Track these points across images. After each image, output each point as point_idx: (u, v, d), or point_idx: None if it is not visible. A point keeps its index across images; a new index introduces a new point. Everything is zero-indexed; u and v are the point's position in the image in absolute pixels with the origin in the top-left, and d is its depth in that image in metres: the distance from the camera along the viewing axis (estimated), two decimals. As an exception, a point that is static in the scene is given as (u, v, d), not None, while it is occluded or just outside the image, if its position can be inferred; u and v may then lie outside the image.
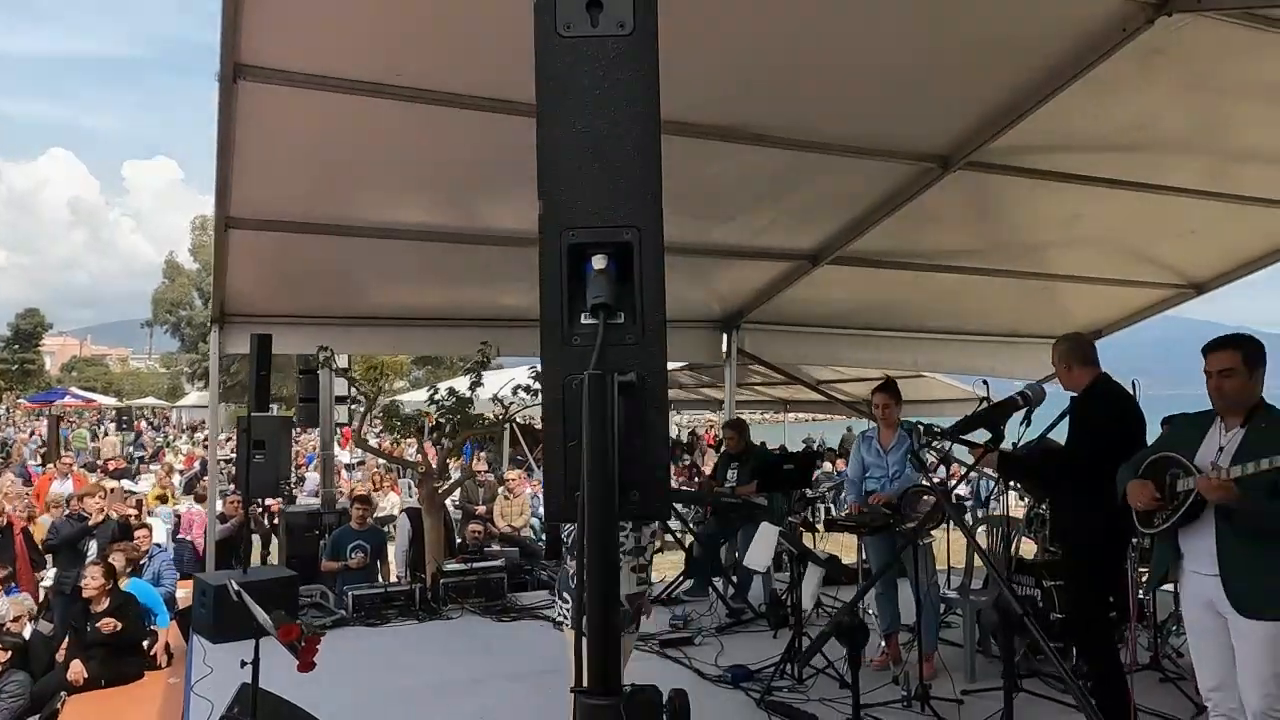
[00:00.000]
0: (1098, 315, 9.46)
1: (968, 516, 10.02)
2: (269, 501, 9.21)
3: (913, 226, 7.17)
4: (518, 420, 20.55)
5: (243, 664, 3.52)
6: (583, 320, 1.49)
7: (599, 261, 1.49)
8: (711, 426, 26.09)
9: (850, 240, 7.30)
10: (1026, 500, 6.33)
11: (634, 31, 1.54)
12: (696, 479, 14.54)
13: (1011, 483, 4.51)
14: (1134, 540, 4.38)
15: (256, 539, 9.37)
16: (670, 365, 14.33)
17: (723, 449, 8.16)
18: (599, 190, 1.53)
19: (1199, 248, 8.17)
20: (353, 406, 8.14)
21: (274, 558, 9.14)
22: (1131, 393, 4.31)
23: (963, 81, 5.42)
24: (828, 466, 16.79)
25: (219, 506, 8.32)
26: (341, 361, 8.36)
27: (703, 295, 8.54)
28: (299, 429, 14.27)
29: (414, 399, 12.48)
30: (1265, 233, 7.83)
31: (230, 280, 6.97)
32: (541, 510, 11.59)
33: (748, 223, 7.09)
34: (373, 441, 13.40)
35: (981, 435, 3.06)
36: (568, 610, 3.36)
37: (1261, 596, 3.11)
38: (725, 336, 9.05)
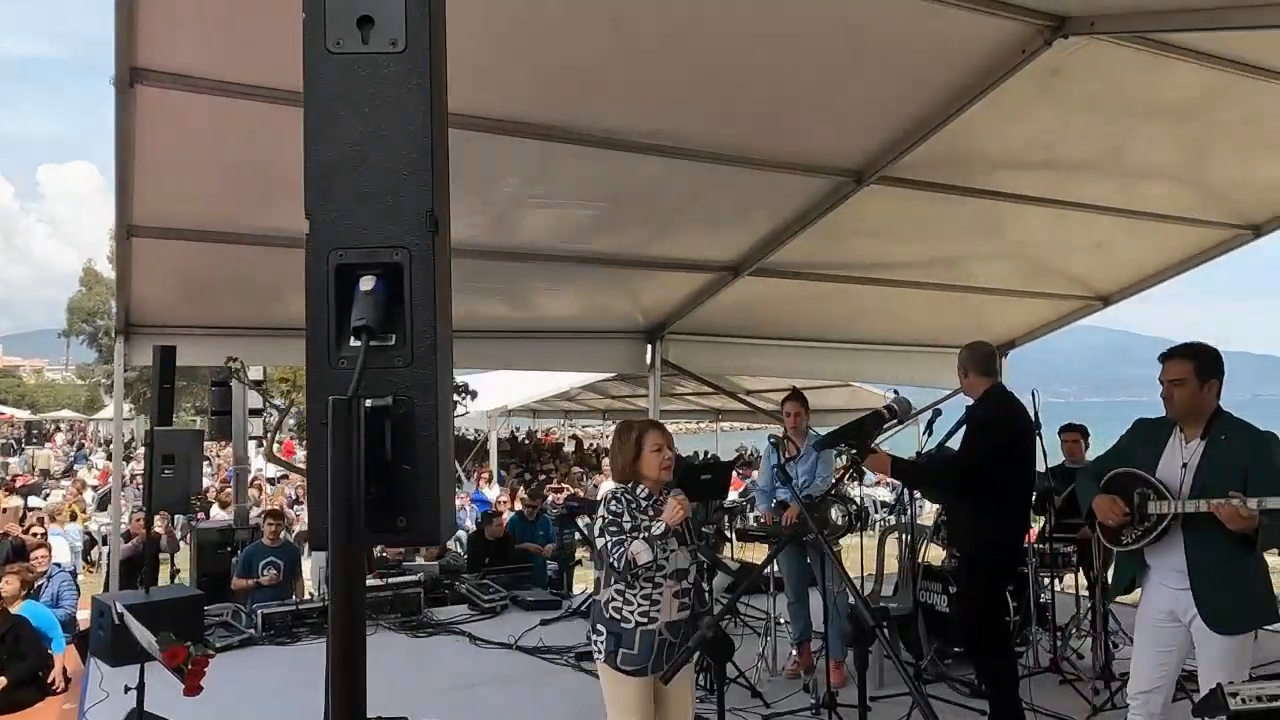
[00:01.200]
0: (1012, 325, 9.74)
1: (880, 524, 10.19)
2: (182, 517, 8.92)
3: (831, 239, 7.28)
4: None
5: (126, 689, 3.38)
6: (352, 343, 1.45)
7: (366, 283, 1.47)
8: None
9: (770, 252, 7.37)
10: (937, 508, 6.48)
11: (406, 49, 1.52)
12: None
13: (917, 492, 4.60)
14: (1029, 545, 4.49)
15: (183, 555, 9.08)
16: (597, 376, 14.38)
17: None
18: (369, 210, 1.51)
19: (1105, 261, 8.47)
20: (267, 419, 7.94)
21: (184, 577, 8.86)
22: (1027, 403, 4.44)
23: (872, 99, 5.53)
24: (755, 475, 16.90)
25: (124, 524, 8.02)
26: (255, 374, 8.14)
27: (627, 306, 8.55)
28: (219, 443, 13.86)
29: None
30: (1164, 247, 8.15)
31: (135, 290, 6.75)
32: (468, 523, 11.47)
33: (670, 234, 7.12)
34: (300, 454, 13.11)
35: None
36: (603, 644, 3.19)
37: (1231, 611, 3.18)
38: (650, 347, 9.05)
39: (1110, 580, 3.84)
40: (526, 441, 26.13)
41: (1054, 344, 8.67)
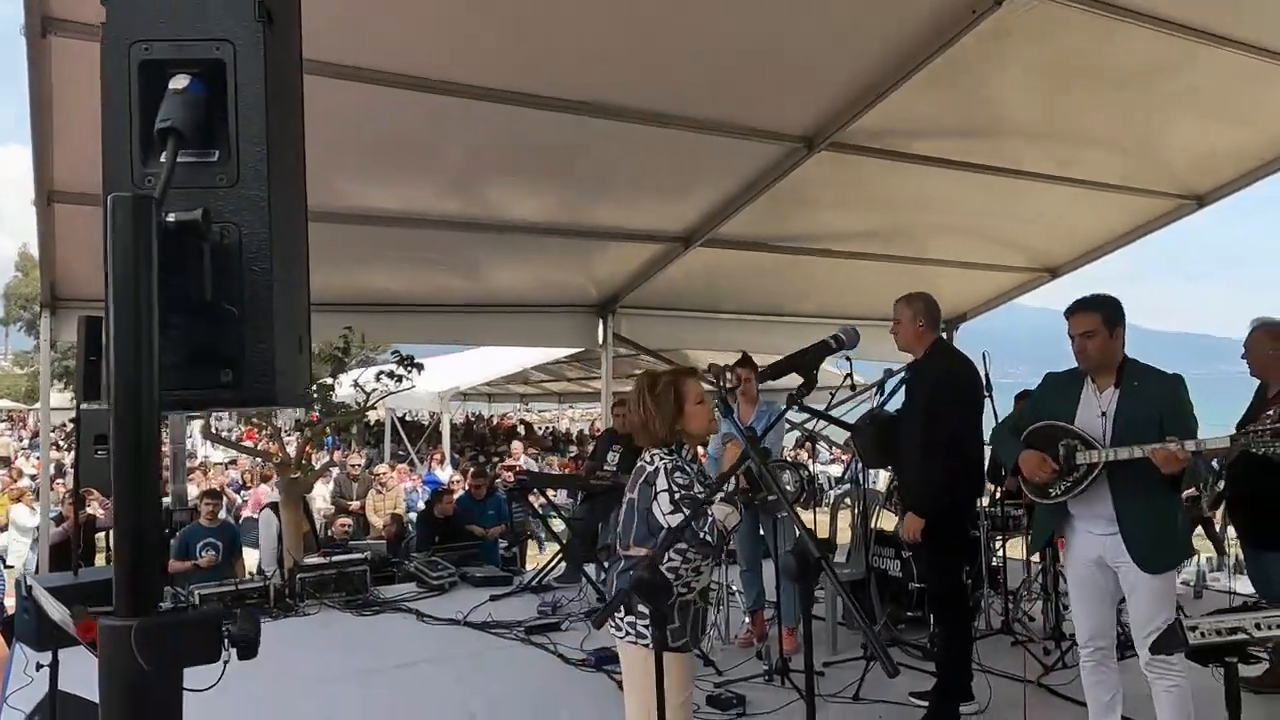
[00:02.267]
0: (963, 298, 9.80)
1: (833, 492, 10.21)
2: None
3: (783, 209, 7.21)
4: (398, 415, 20.03)
5: (39, 667, 3.19)
6: (163, 159, 1.18)
7: (178, 81, 1.20)
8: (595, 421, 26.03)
9: (721, 222, 7.28)
10: (889, 475, 6.48)
11: None
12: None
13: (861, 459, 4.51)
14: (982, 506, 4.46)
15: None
16: (552, 355, 14.19)
17: (608, 429, 8.01)
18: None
19: (1053, 233, 8.53)
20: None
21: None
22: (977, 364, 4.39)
23: (821, 63, 5.46)
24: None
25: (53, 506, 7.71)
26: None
27: (578, 279, 8.40)
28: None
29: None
30: (1111, 218, 8.23)
31: (60, 260, 6.45)
32: (420, 504, 11.28)
33: (619, 203, 6.99)
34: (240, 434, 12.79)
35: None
36: (644, 626, 2.73)
37: (1159, 552, 3.27)
38: (601, 321, 8.93)
39: (1033, 533, 3.83)
40: (482, 425, 25.88)
41: (1003, 324, 8.70)
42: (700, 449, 5.15)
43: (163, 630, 1.17)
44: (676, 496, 2.73)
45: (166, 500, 8.89)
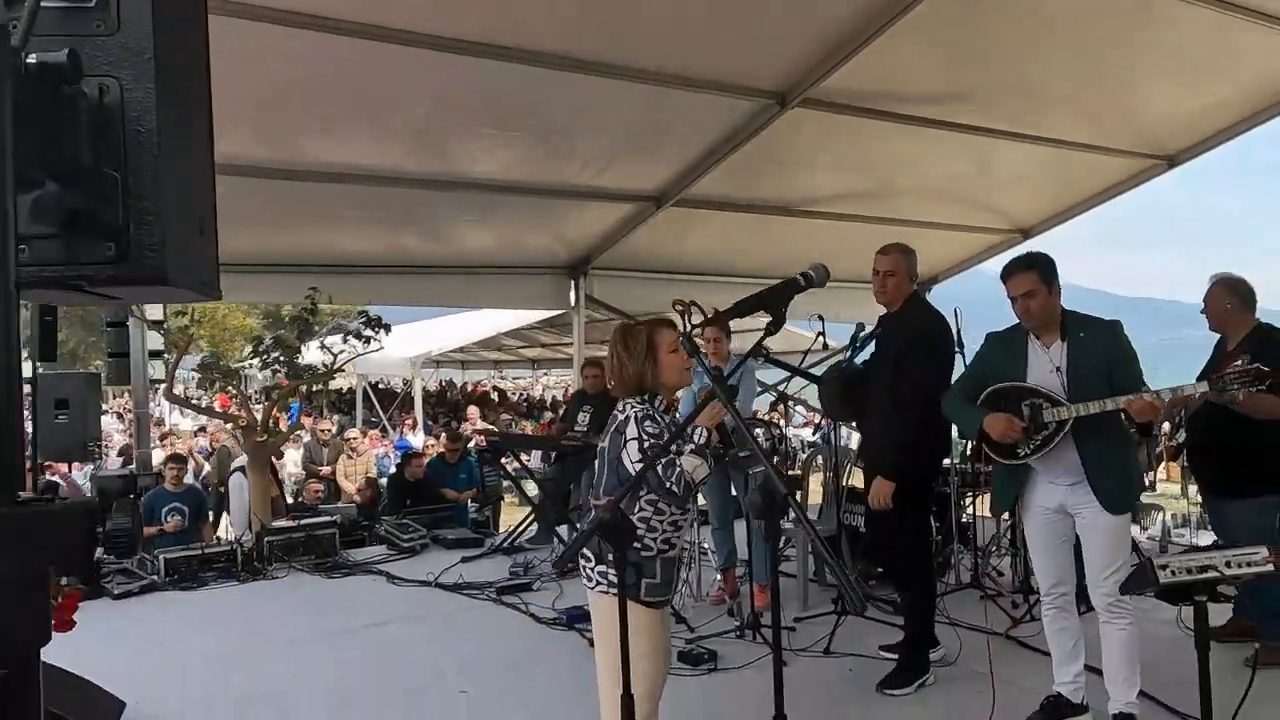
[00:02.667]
0: (936, 260, 9.79)
1: (803, 454, 10.22)
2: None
3: (756, 168, 7.14)
4: (370, 382, 19.84)
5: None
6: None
7: None
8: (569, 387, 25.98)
9: (693, 181, 7.19)
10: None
11: None
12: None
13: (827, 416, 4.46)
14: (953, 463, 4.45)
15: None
16: (524, 320, 14.03)
17: (579, 390, 7.93)
18: None
19: (1026, 193, 8.52)
20: (167, 358, 7.51)
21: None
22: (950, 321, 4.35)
23: (794, 16, 5.36)
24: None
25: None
26: (155, 313, 7.68)
27: (548, 240, 8.30)
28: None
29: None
30: (1082, 178, 8.23)
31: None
32: (392, 469, 11.19)
33: (589, 161, 6.87)
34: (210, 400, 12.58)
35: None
36: (613, 575, 2.58)
37: (1121, 494, 3.35)
38: (573, 283, 8.84)
39: (996, 495, 3.82)
40: (455, 392, 25.74)
41: (971, 289, 8.69)
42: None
43: (24, 523, 1.03)
44: (645, 445, 2.70)
45: (131, 466, 8.77)
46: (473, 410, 15.43)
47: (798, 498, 1.52)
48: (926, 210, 8.48)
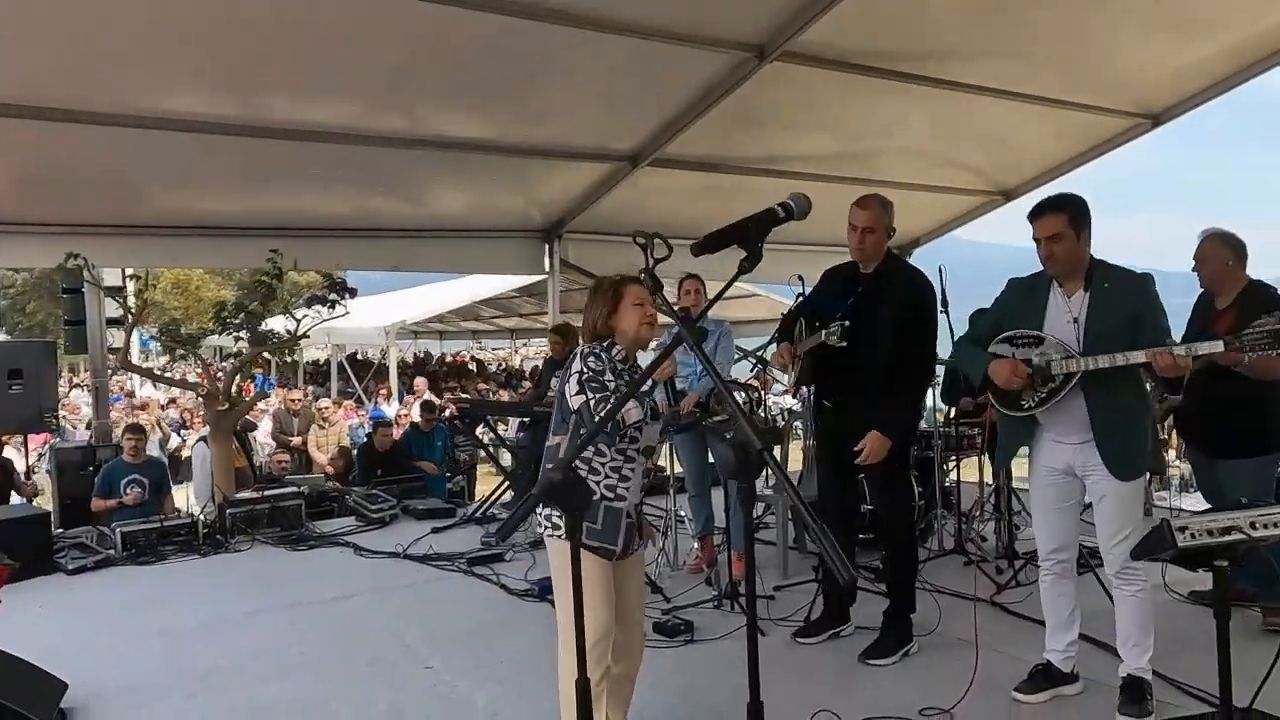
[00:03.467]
0: (917, 222, 9.64)
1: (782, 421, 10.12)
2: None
3: (734, 127, 6.93)
4: (348, 354, 19.52)
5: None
6: None
7: None
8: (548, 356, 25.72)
9: (669, 140, 6.97)
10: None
11: None
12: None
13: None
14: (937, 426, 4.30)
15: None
16: (501, 288, 13.79)
17: (549, 357, 7.76)
18: None
19: (1008, 154, 8.35)
20: (123, 328, 7.23)
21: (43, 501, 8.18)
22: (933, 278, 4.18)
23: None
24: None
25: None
26: (113, 279, 7.40)
27: (521, 203, 8.06)
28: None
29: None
30: (1064, 138, 8.06)
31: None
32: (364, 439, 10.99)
33: (562, 118, 6.62)
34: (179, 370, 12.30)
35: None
36: (560, 519, 2.74)
37: (1132, 458, 3.16)
38: (547, 247, 8.62)
39: (998, 448, 3.67)
40: (432, 363, 25.46)
41: (950, 257, 8.55)
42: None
43: None
44: (584, 378, 2.73)
45: (88, 434, 8.51)
46: (420, 382, 15.10)
47: (775, 454, 1.36)
48: (907, 171, 8.29)
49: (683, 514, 5.61)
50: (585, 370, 2.75)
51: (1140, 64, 6.84)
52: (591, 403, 2.69)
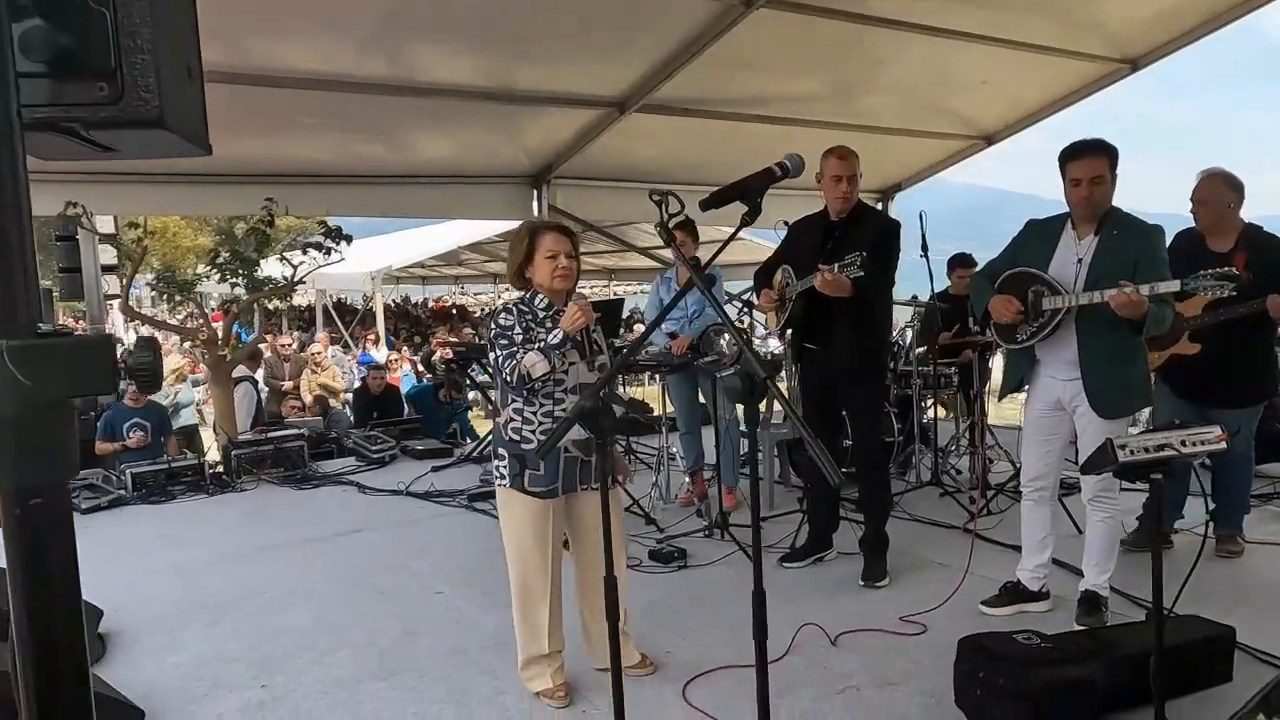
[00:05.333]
0: (899, 166, 9.77)
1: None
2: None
3: (722, 72, 7.00)
4: (332, 298, 19.49)
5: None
6: None
7: None
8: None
9: (658, 85, 7.04)
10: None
11: None
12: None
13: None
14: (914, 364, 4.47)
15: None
16: (481, 234, 13.77)
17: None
18: None
19: (988, 99, 8.46)
20: (122, 275, 7.32)
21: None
22: (914, 227, 4.38)
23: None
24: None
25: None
26: (107, 226, 7.45)
27: (509, 148, 8.12)
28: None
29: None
30: (1045, 83, 8.18)
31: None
32: (356, 384, 11.15)
33: (549, 63, 6.68)
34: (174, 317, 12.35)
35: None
36: (505, 468, 2.96)
37: (1114, 398, 3.32)
38: (535, 193, 8.70)
39: (1002, 380, 3.90)
40: (416, 309, 25.49)
41: (932, 199, 8.70)
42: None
43: (46, 351, 1.04)
44: (491, 335, 2.94)
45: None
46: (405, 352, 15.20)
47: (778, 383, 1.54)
48: (892, 115, 8.41)
49: (674, 451, 5.85)
50: (494, 327, 2.96)
51: (1120, 9, 6.96)
52: (500, 361, 2.89)
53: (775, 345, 13.61)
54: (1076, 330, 3.34)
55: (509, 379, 2.90)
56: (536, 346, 2.87)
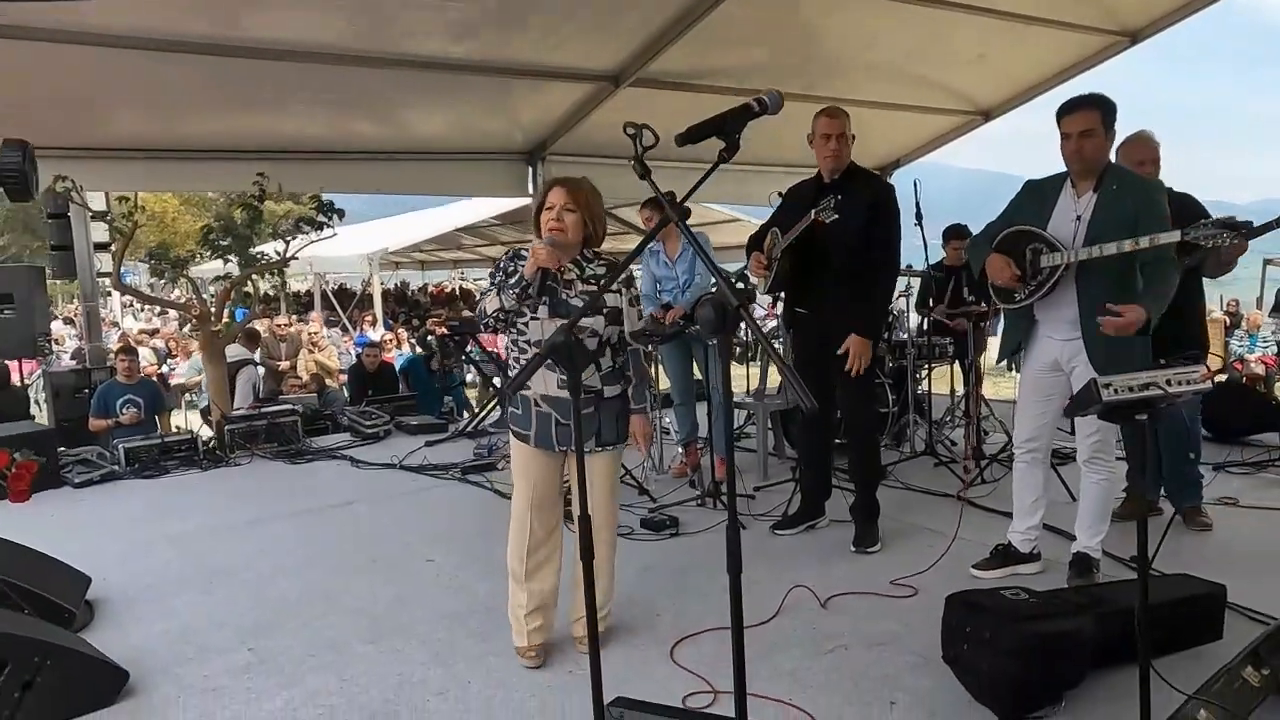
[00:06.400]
0: (896, 143, 9.71)
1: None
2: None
3: (715, 46, 6.94)
4: (330, 283, 19.44)
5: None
6: None
7: None
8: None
9: (651, 59, 6.99)
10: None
11: None
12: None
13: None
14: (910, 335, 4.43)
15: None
16: (481, 215, 13.76)
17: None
18: None
19: (986, 73, 8.40)
20: (114, 252, 7.27)
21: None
22: (907, 193, 4.34)
23: None
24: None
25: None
26: (97, 204, 7.41)
27: (503, 124, 8.07)
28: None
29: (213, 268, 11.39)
30: (1043, 57, 8.12)
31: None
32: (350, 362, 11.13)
33: (542, 35, 6.62)
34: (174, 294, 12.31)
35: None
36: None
37: (1116, 355, 3.20)
38: (530, 170, 8.66)
39: (1000, 342, 3.84)
40: (414, 293, 25.46)
41: (933, 183, 8.66)
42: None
43: None
44: (490, 274, 3.08)
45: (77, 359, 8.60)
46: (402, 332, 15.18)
47: (751, 311, 1.51)
48: (888, 90, 8.35)
49: (668, 423, 5.84)
50: (494, 270, 3.07)
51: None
52: (484, 297, 3.03)
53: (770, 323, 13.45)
54: (1077, 288, 3.29)
55: (487, 320, 3.01)
56: (507, 287, 2.91)
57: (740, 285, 4.08)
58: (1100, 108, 3.25)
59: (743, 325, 1.73)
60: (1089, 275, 3.25)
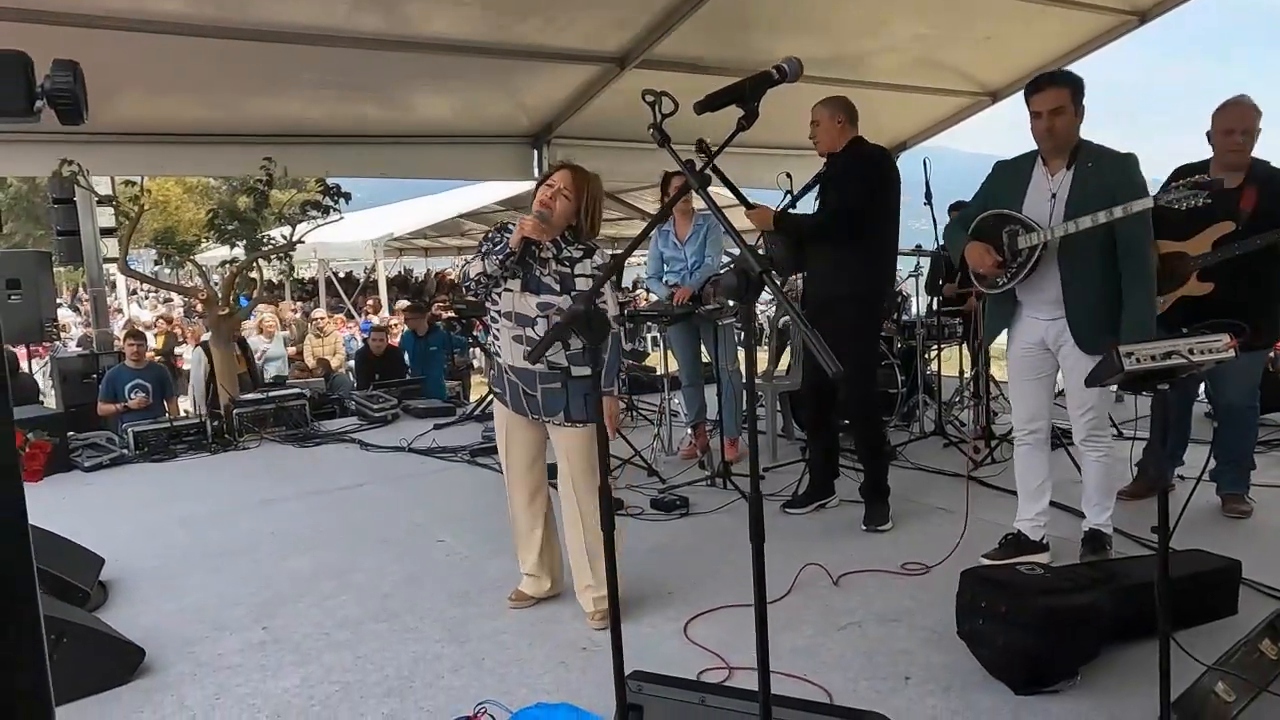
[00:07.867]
0: (904, 125, 9.64)
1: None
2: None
3: (724, 29, 6.90)
4: (336, 272, 19.42)
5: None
6: None
7: None
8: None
9: (657, 40, 6.95)
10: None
11: None
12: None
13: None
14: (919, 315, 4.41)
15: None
16: (484, 201, 13.70)
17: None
18: None
19: (994, 54, 8.34)
20: (121, 236, 7.26)
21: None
22: (914, 169, 4.32)
23: None
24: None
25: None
26: (103, 189, 7.40)
27: (508, 107, 8.03)
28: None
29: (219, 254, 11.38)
30: (1052, 37, 8.05)
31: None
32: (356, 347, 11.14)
33: (547, 16, 6.58)
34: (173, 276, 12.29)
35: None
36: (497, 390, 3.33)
37: (1100, 333, 3.20)
38: (536, 153, 8.62)
39: (985, 327, 3.80)
40: (417, 280, 25.44)
41: (938, 166, 8.61)
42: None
43: None
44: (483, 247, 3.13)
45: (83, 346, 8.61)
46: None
47: (775, 278, 1.49)
48: (895, 72, 8.29)
49: (676, 405, 5.83)
50: (483, 239, 3.16)
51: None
52: (470, 262, 3.13)
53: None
54: (1059, 266, 3.26)
55: (468, 282, 3.10)
56: (494, 254, 3.03)
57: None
58: (1069, 85, 3.22)
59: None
60: (1071, 253, 3.22)
